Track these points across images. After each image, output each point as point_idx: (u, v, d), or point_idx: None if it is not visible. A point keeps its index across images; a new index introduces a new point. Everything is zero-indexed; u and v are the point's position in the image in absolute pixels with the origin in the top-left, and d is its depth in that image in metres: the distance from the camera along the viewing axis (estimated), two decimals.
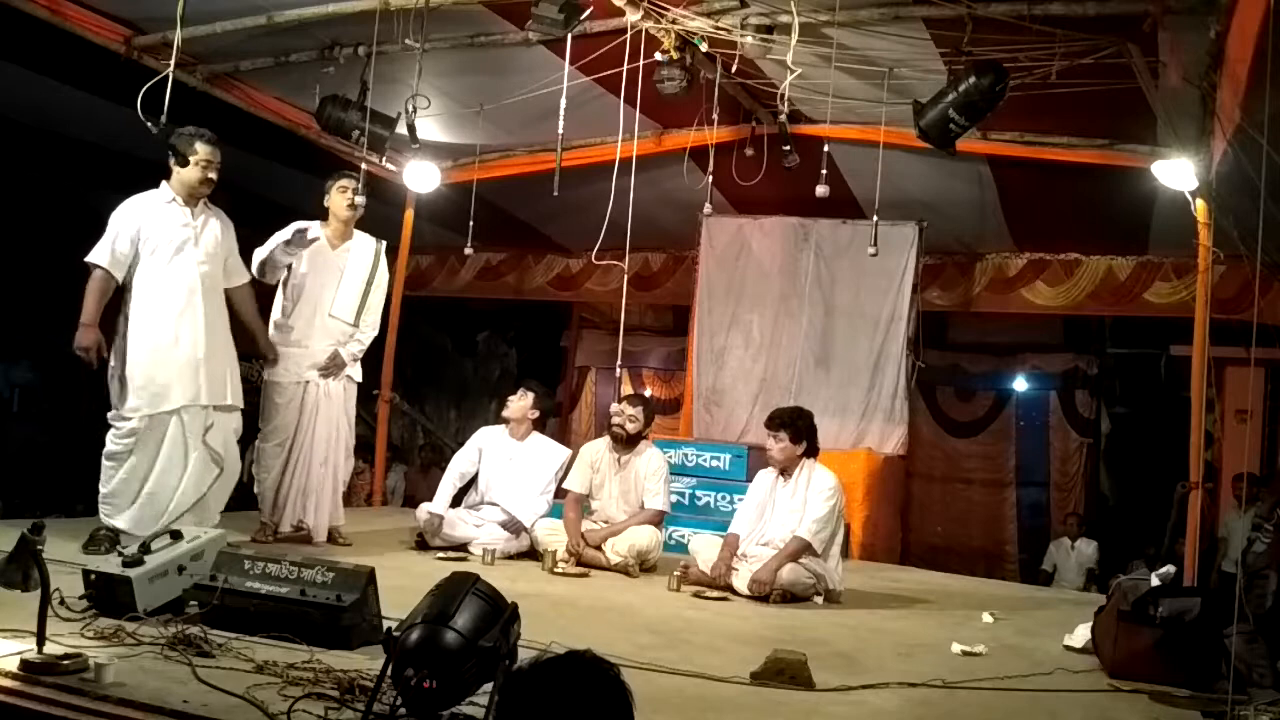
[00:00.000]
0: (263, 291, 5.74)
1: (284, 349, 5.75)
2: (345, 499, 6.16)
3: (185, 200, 5.01)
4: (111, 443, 4.89)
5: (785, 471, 5.58)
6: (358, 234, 5.96)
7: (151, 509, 4.83)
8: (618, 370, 7.64)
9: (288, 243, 5.56)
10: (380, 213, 6.13)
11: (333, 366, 5.78)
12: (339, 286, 5.82)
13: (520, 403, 6.25)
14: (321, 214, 5.87)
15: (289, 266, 5.74)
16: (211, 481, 5.01)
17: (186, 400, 4.92)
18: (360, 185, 5.83)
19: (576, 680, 1.75)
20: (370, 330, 5.96)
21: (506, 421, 6.30)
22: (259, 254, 5.61)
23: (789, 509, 5.49)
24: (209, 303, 5.03)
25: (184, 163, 4.94)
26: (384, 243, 6.16)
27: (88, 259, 4.91)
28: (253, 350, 5.60)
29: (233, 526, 5.21)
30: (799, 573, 5.25)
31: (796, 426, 5.56)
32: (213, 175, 4.99)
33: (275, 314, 5.83)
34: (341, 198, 5.79)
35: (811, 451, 5.60)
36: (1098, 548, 9.79)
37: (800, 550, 5.31)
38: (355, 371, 5.97)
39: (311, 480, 5.75)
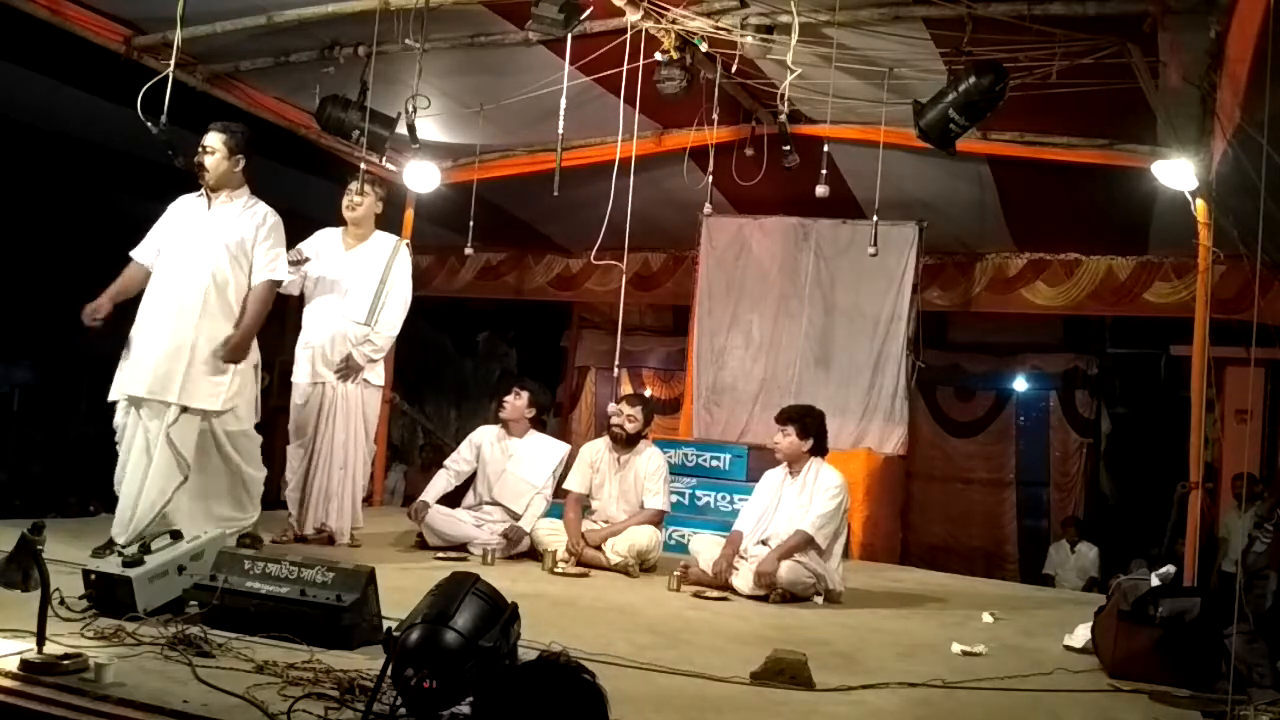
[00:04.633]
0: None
1: (302, 351, 5.82)
2: None
3: (207, 193, 4.96)
4: None
5: (793, 469, 5.59)
6: (378, 234, 5.97)
7: (122, 509, 4.67)
8: (616, 370, 7.63)
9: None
10: (381, 212, 6.14)
11: (346, 368, 5.78)
12: (351, 287, 5.82)
13: (516, 403, 6.25)
14: (342, 218, 5.94)
15: (305, 273, 5.79)
16: (176, 486, 4.63)
17: (139, 391, 4.69)
18: (360, 186, 5.85)
19: (549, 685, 1.75)
20: (387, 330, 5.90)
21: (504, 422, 6.30)
22: None
23: (796, 505, 5.50)
24: (191, 296, 4.77)
25: None
26: (405, 241, 6.13)
27: None
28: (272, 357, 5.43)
29: (259, 527, 5.20)
30: (799, 572, 5.25)
31: (804, 422, 5.59)
32: (204, 161, 4.85)
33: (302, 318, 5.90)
34: (345, 202, 5.87)
35: (820, 450, 5.63)
36: (1098, 553, 9.79)
37: (802, 544, 5.31)
38: (374, 376, 5.94)
39: (332, 483, 5.75)
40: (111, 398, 4.82)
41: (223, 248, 4.87)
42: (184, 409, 4.71)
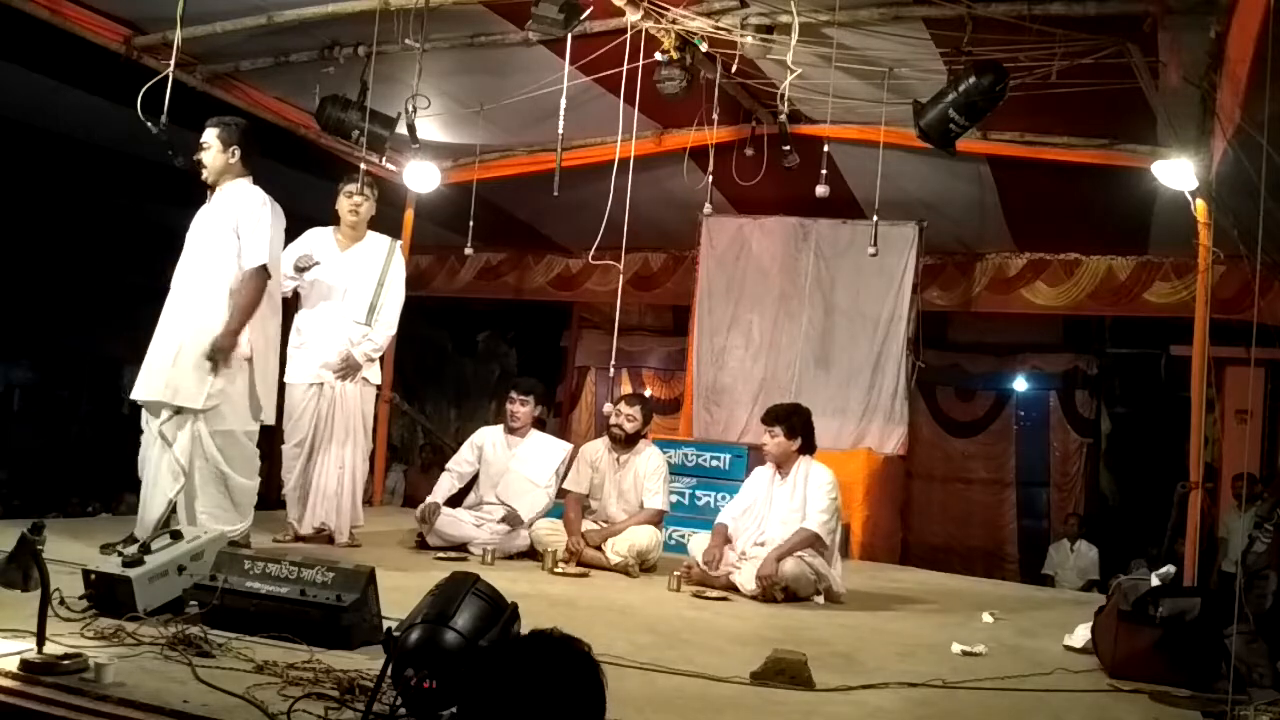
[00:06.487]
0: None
1: (298, 351, 5.80)
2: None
3: (209, 191, 4.94)
4: None
5: (782, 469, 5.59)
6: (370, 234, 5.97)
7: (139, 510, 4.74)
8: (612, 370, 7.63)
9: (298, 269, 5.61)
10: (380, 213, 6.14)
11: (346, 368, 5.78)
12: (350, 287, 5.82)
13: (524, 410, 6.23)
14: (334, 218, 5.93)
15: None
16: (175, 491, 4.61)
17: (140, 394, 4.72)
18: (360, 187, 5.85)
19: (545, 657, 1.73)
20: (385, 329, 5.92)
21: (511, 428, 6.29)
22: None
23: (789, 507, 5.49)
24: (185, 294, 4.75)
25: None
26: (398, 241, 6.16)
27: None
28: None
29: (258, 528, 5.21)
30: (802, 568, 5.24)
31: (791, 422, 5.58)
32: (201, 157, 4.83)
33: (296, 319, 5.87)
34: (347, 203, 5.86)
35: (808, 448, 5.61)
36: (1098, 554, 9.79)
37: (807, 540, 5.30)
38: (372, 374, 5.95)
39: (331, 482, 5.75)
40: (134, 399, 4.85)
41: (210, 240, 4.80)
42: (177, 410, 4.67)
